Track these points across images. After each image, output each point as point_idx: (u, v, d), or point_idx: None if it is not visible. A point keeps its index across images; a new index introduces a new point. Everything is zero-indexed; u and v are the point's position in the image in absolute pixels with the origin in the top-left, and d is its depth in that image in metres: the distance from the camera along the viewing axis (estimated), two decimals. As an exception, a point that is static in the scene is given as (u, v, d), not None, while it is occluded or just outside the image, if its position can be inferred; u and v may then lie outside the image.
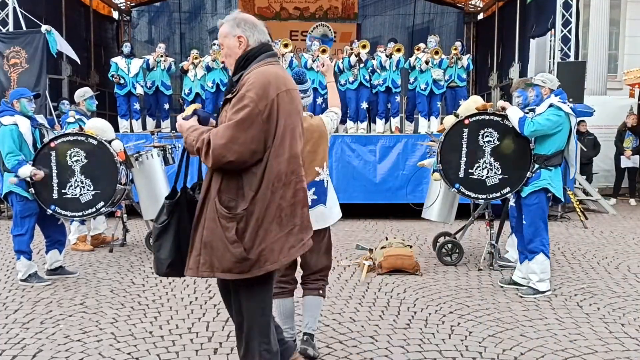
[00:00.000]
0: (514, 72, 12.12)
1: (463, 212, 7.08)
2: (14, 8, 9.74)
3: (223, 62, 10.36)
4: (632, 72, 13.50)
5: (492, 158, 5.32)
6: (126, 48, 10.87)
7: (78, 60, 10.57)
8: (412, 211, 6.86)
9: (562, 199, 5.23)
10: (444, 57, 10.42)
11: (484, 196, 5.43)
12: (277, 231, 2.55)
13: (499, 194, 5.34)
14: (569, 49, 10.60)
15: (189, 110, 2.81)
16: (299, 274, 3.69)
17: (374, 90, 10.62)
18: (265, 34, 2.67)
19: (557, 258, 6.40)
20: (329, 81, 3.96)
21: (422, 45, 10.80)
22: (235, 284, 2.63)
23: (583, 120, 10.48)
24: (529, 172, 5.08)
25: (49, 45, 9.44)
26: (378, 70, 10.44)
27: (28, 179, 5.23)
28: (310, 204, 3.35)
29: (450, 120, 5.67)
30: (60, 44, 9.61)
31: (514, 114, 5.09)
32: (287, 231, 2.58)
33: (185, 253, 2.64)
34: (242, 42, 2.61)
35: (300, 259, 3.57)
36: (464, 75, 10.86)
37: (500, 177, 5.31)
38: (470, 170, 5.37)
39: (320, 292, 3.63)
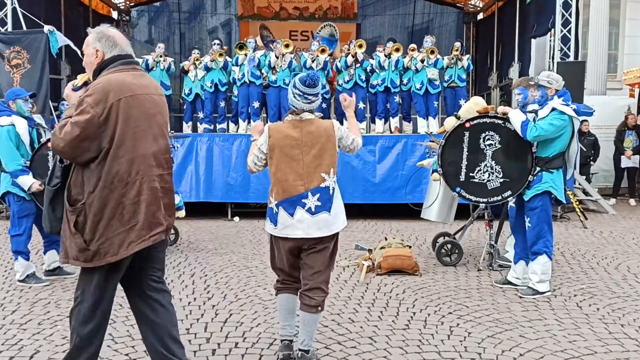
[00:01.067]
0: (514, 72, 12.10)
1: (462, 212, 7.07)
2: (14, 8, 9.72)
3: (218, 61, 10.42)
4: (631, 72, 13.50)
5: (494, 161, 5.29)
6: (125, 48, 10.84)
7: (80, 53, 10.55)
8: (411, 211, 6.85)
9: (564, 201, 5.21)
10: (439, 57, 10.39)
11: (484, 200, 5.40)
12: (117, 226, 2.76)
13: (500, 198, 5.31)
14: (568, 48, 10.58)
15: (80, 80, 2.98)
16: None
17: (373, 91, 10.60)
18: (125, 51, 2.93)
19: (556, 258, 6.38)
20: (349, 116, 3.84)
21: (413, 45, 10.77)
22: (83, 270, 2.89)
23: (585, 120, 10.47)
24: (530, 176, 5.06)
25: (50, 45, 9.42)
26: (377, 70, 10.41)
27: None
28: (313, 210, 3.41)
29: (451, 122, 5.65)
30: (61, 41, 9.58)
31: (516, 118, 5.05)
32: (128, 227, 2.78)
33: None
34: (98, 56, 2.89)
35: (303, 260, 3.52)
36: (464, 76, 10.84)
37: (502, 180, 5.28)
38: (471, 174, 5.34)
39: (319, 308, 3.50)
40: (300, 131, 3.45)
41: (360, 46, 10.26)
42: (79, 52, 10.10)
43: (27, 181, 5.17)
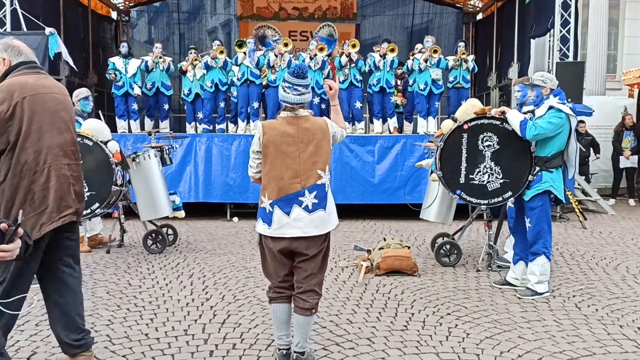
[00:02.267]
0: (513, 72, 12.09)
1: (461, 212, 7.06)
2: (14, 9, 9.70)
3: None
4: (631, 72, 13.49)
5: (493, 162, 5.27)
6: (123, 48, 10.84)
7: (74, 67, 10.53)
8: (410, 212, 6.84)
9: (564, 201, 5.20)
10: (441, 57, 10.39)
11: (485, 201, 5.38)
12: (29, 211, 3.08)
13: (500, 199, 5.29)
14: (567, 49, 10.57)
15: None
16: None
17: (370, 91, 10.60)
18: (29, 58, 3.30)
19: (555, 259, 6.37)
20: (333, 104, 3.75)
21: (419, 45, 10.77)
22: None
23: (582, 121, 10.47)
24: (530, 176, 5.06)
25: (49, 47, 9.41)
26: (373, 70, 10.41)
27: None
28: (310, 208, 3.38)
29: (448, 125, 5.63)
30: (60, 48, 9.58)
31: (514, 118, 5.05)
32: (39, 211, 3.12)
33: None
34: (5, 63, 3.25)
35: (296, 263, 3.45)
36: (468, 77, 10.84)
37: (502, 181, 5.26)
38: (470, 176, 5.32)
39: (313, 310, 3.44)
40: (296, 128, 3.39)
41: (354, 46, 10.24)
42: (71, 62, 10.09)
43: None
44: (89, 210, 5.50)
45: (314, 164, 3.40)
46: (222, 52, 10.41)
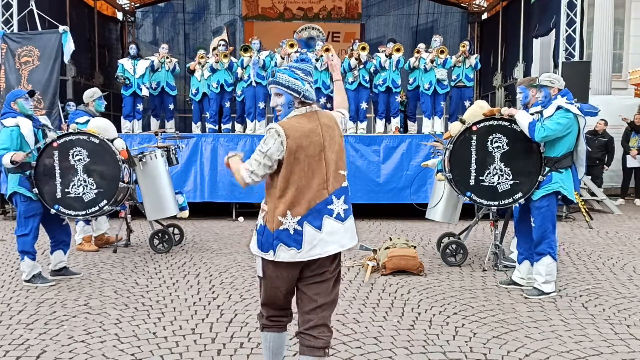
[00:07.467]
0: (518, 72, 12.07)
1: (467, 212, 7.06)
2: (30, 10, 9.75)
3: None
4: (637, 71, 13.47)
5: (502, 164, 5.26)
6: (132, 49, 10.88)
7: (66, 61, 10.46)
8: (416, 211, 6.84)
9: (574, 200, 5.20)
10: (448, 57, 10.39)
11: (495, 203, 5.36)
12: None
13: (511, 200, 5.27)
14: (573, 48, 10.54)
15: None
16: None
17: (376, 91, 10.61)
18: None
19: (562, 259, 6.36)
20: (336, 79, 3.31)
21: (422, 45, 10.76)
22: None
23: (603, 120, 10.55)
24: (540, 176, 5.05)
25: (62, 44, 9.46)
26: (379, 70, 10.41)
27: (16, 169, 5.18)
28: (343, 216, 2.87)
29: (456, 127, 5.63)
30: (69, 45, 9.63)
31: (523, 119, 5.03)
32: None
33: None
34: None
35: (301, 290, 2.90)
36: (472, 75, 10.82)
37: (512, 182, 5.25)
38: (480, 177, 5.31)
39: (326, 350, 2.86)
40: (318, 124, 2.86)
41: (364, 49, 10.26)
42: (67, 61, 10.09)
43: (6, 159, 5.09)
44: (97, 208, 5.52)
45: (337, 164, 2.90)
46: (226, 56, 10.45)
